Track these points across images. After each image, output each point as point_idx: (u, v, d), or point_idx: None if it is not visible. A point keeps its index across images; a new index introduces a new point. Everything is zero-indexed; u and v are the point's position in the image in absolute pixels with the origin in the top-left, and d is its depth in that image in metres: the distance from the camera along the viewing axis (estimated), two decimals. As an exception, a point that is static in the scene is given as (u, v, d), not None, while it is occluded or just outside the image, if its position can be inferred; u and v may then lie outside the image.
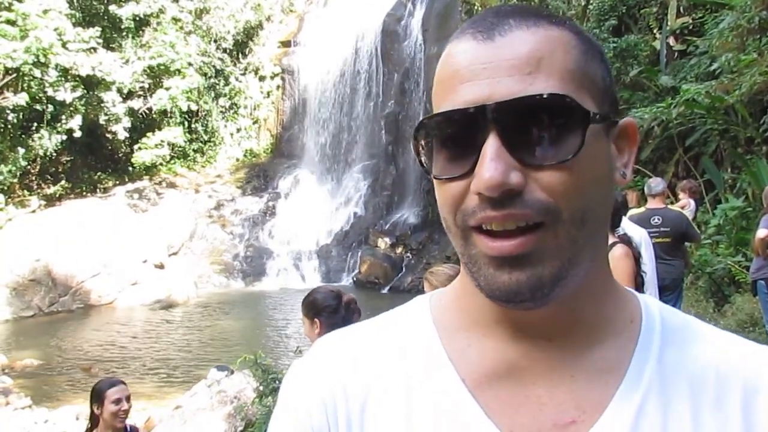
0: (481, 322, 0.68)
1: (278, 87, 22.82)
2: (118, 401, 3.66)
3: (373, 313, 0.79)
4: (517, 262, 0.59)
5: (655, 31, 12.72)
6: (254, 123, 23.00)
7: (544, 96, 0.58)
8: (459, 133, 0.61)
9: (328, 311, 3.04)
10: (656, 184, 6.07)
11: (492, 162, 0.57)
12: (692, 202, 7.08)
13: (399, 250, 17.39)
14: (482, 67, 0.60)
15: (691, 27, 11.92)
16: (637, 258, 3.62)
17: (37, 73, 16.92)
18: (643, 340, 0.67)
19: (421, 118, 0.64)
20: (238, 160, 22.51)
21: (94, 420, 3.70)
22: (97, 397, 3.68)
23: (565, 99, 0.59)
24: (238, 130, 22.83)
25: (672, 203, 6.95)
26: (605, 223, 0.66)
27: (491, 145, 0.58)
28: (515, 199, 0.58)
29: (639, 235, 4.22)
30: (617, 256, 3.62)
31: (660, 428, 0.62)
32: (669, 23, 12.14)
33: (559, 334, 0.65)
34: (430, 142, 0.63)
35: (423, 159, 0.64)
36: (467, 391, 0.65)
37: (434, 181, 0.64)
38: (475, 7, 14.74)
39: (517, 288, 0.59)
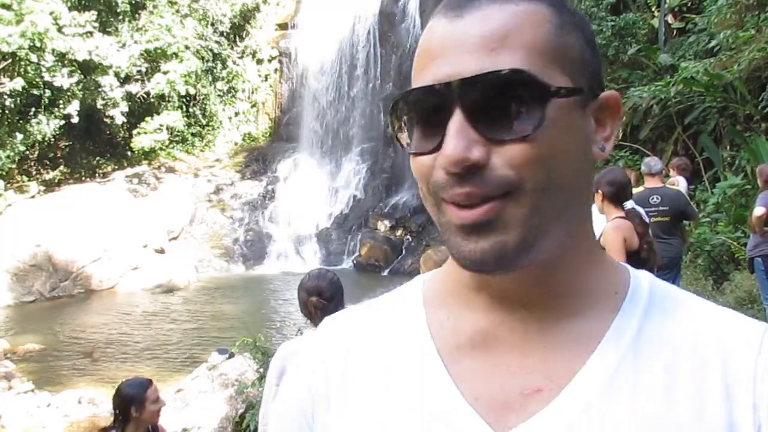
0: (462, 294, 0.69)
1: (276, 70, 22.72)
2: (157, 400, 3.64)
3: (374, 296, 0.82)
4: (481, 230, 0.60)
5: (653, 8, 12.66)
6: (252, 106, 22.93)
7: (504, 72, 0.58)
8: (429, 110, 0.62)
9: (300, 304, 3.14)
10: (654, 163, 6.07)
11: (454, 138, 0.58)
12: (681, 180, 7.08)
13: (399, 232, 17.41)
14: (450, 45, 0.61)
15: (689, 4, 11.87)
16: (642, 233, 3.64)
17: (33, 57, 16.84)
18: (624, 312, 0.66)
19: (394, 99, 0.66)
20: (236, 144, 22.47)
21: (124, 421, 3.58)
22: (135, 400, 3.56)
23: (524, 74, 0.59)
24: (237, 114, 22.77)
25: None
26: (580, 196, 0.66)
27: (455, 121, 0.59)
28: (477, 174, 0.59)
29: (642, 215, 4.25)
30: (607, 229, 3.67)
31: (629, 397, 0.61)
32: (667, 1, 12.07)
33: (535, 303, 0.65)
34: (409, 118, 0.65)
35: (399, 135, 0.67)
36: (440, 361, 0.67)
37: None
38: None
39: (482, 256, 0.60)
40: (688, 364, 0.62)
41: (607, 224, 3.78)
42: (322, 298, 3.04)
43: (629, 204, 3.90)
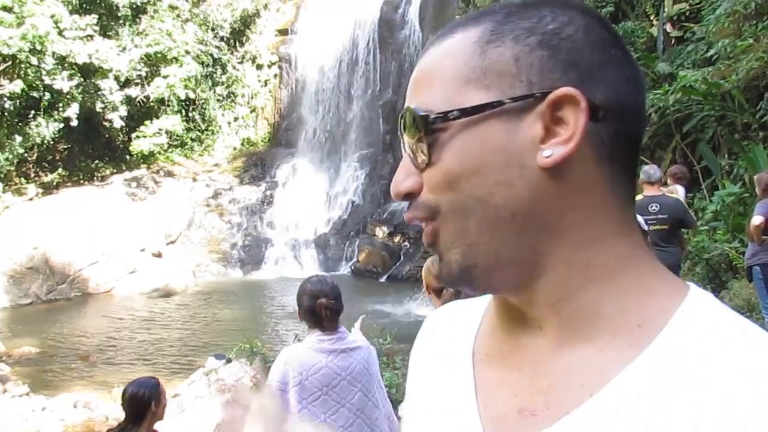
0: (497, 305, 0.73)
1: (276, 75, 22.76)
2: (165, 398, 3.75)
3: (372, 302, 0.88)
4: (434, 251, 0.66)
5: (652, 17, 12.69)
6: (252, 111, 22.95)
7: (403, 112, 0.66)
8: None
9: (304, 310, 3.17)
10: (654, 171, 6.08)
11: (400, 168, 0.67)
12: (679, 188, 7.09)
13: (397, 238, 17.40)
14: (411, 83, 0.68)
15: (688, 13, 11.89)
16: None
17: (33, 60, 16.86)
18: (650, 351, 0.57)
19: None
20: (235, 148, 22.48)
21: (138, 420, 3.60)
22: (155, 396, 3.64)
23: (410, 110, 0.64)
24: (236, 119, 22.79)
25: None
26: (546, 214, 0.60)
27: (405, 152, 0.67)
28: (413, 201, 0.66)
29: (641, 223, 4.25)
30: None
31: None
32: (666, 9, 12.10)
33: (549, 327, 0.63)
34: None
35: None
36: (470, 365, 0.71)
37: None
38: (473, -5, 14.68)
39: (443, 275, 0.66)
40: (719, 424, 0.52)
41: None
42: (329, 299, 3.07)
43: None
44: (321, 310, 3.08)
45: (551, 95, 0.59)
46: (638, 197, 6.16)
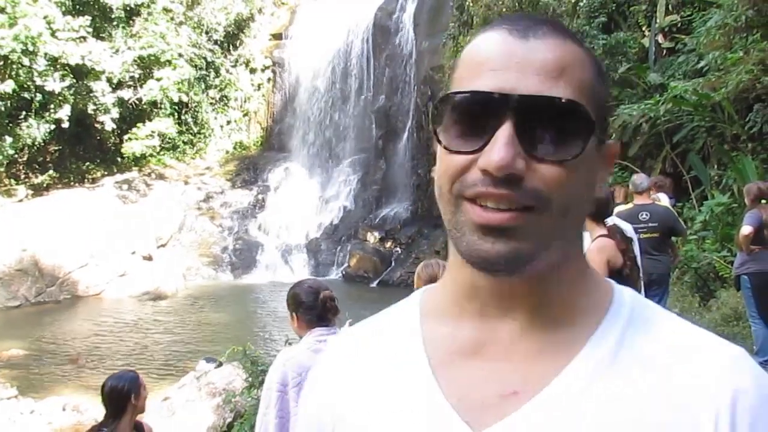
0: (456, 304, 0.75)
1: (269, 80, 22.77)
2: (144, 386, 3.71)
3: (362, 307, 0.87)
4: (501, 234, 0.65)
5: (644, 28, 12.80)
6: (244, 115, 22.94)
7: (563, 100, 0.65)
8: (477, 113, 0.66)
9: (305, 307, 3.13)
10: (641, 180, 6.16)
11: (504, 146, 0.63)
12: (663, 196, 7.17)
13: (388, 244, 17.41)
14: (514, 61, 0.66)
15: (679, 24, 12.00)
16: (624, 250, 3.68)
17: (25, 61, 16.82)
18: (604, 326, 0.70)
19: (445, 94, 0.70)
20: (227, 152, 22.45)
21: (119, 414, 3.57)
22: (134, 388, 3.60)
23: (580, 107, 0.66)
24: (228, 123, 22.77)
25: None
26: (582, 221, 0.74)
27: (506, 131, 0.64)
28: (514, 183, 0.64)
29: (626, 230, 4.30)
30: (591, 249, 3.72)
31: (596, 405, 0.65)
32: (658, 20, 12.22)
33: (523, 313, 0.70)
34: (450, 116, 0.69)
35: (438, 129, 0.70)
36: (429, 370, 0.73)
37: (440, 149, 0.70)
38: (467, 2, 14.74)
39: (496, 257, 0.65)
40: (658, 382, 0.66)
41: (591, 244, 3.82)
42: (330, 293, 3.09)
43: (610, 220, 3.94)
44: (326, 301, 3.09)
45: (609, 143, 0.74)
46: (628, 206, 6.23)
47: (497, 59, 0.67)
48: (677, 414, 0.64)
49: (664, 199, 7.07)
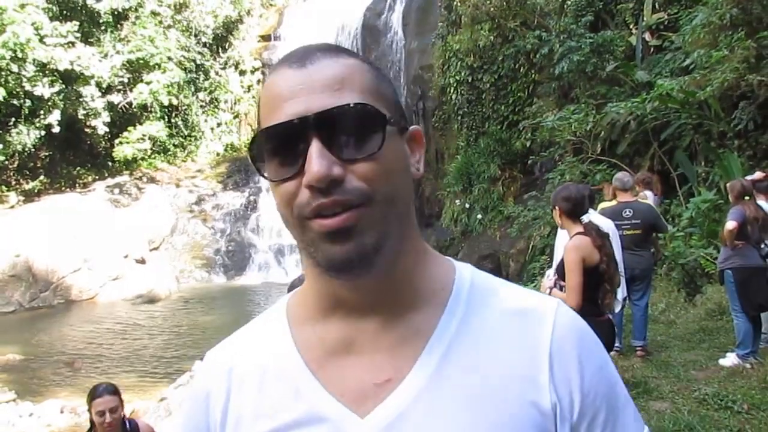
0: (321, 310, 0.83)
1: (259, 81, 22.80)
2: (100, 414, 3.62)
3: None
4: (345, 235, 0.72)
5: (631, 26, 12.89)
6: (235, 117, 22.96)
7: (351, 105, 0.73)
8: (286, 141, 0.74)
9: None
10: (627, 178, 6.27)
11: (318, 159, 0.70)
12: (648, 193, 7.28)
13: (380, 243, 17.47)
14: (299, 88, 0.74)
15: (666, 22, 12.09)
16: (600, 246, 3.78)
17: (14, 68, 16.81)
18: (450, 305, 0.80)
19: (254, 134, 0.78)
20: (218, 154, 22.47)
21: (92, 423, 3.68)
22: (88, 400, 3.67)
23: (367, 106, 0.74)
24: (219, 125, 22.78)
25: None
26: (410, 206, 0.81)
27: (315, 147, 0.71)
28: (338, 187, 0.71)
29: (606, 226, 4.40)
30: (568, 247, 3.82)
31: (455, 376, 0.76)
32: (645, 19, 12.31)
33: (381, 307, 0.79)
34: (264, 151, 0.76)
35: (259, 165, 0.78)
36: (308, 371, 0.80)
37: (269, 183, 0.78)
38: (455, 2, 14.81)
39: (347, 256, 0.72)
40: (498, 342, 0.78)
41: (567, 242, 3.92)
42: None
43: (586, 218, 4.04)
44: None
45: (412, 128, 0.83)
46: (612, 203, 6.34)
47: (286, 90, 0.75)
48: (520, 367, 0.76)
49: (649, 197, 7.18)
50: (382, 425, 0.75)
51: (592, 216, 4.39)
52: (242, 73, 23.02)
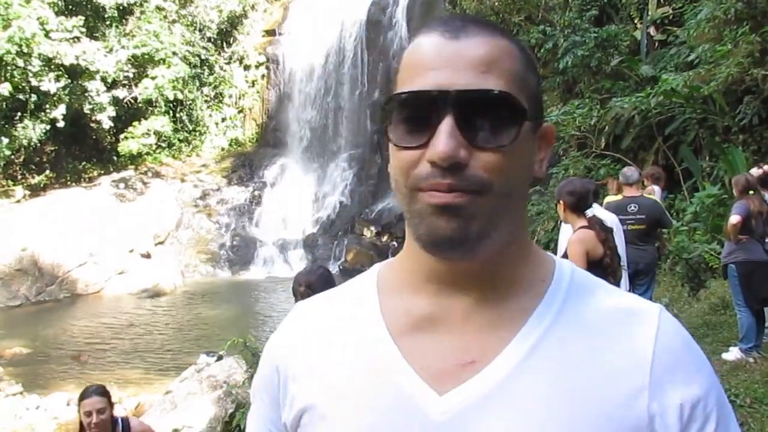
0: (414, 282, 0.82)
1: (263, 76, 22.79)
2: (87, 414, 3.73)
3: None
4: (453, 212, 0.71)
5: (636, 21, 12.88)
6: (239, 112, 22.97)
7: (495, 91, 0.72)
8: (420, 110, 0.72)
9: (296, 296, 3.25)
10: (631, 173, 6.26)
11: (447, 138, 0.69)
12: (656, 188, 7.28)
13: (385, 238, 17.53)
14: (447, 60, 0.73)
15: (671, 17, 12.08)
16: (603, 240, 3.80)
17: (20, 62, 16.86)
18: (547, 298, 0.79)
19: (390, 95, 0.76)
20: (223, 149, 22.49)
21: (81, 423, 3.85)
22: (78, 401, 3.82)
23: (510, 97, 0.72)
24: (223, 120, 22.80)
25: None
26: (523, 202, 0.81)
27: (447, 124, 0.70)
28: (459, 171, 0.70)
29: (610, 220, 4.42)
30: (572, 241, 3.84)
31: (544, 367, 0.74)
32: (650, 13, 12.30)
33: (475, 290, 0.78)
34: (394, 113, 0.75)
35: (386, 125, 0.76)
36: (391, 340, 0.79)
37: (391, 147, 0.77)
38: (459, -3, 14.81)
39: (450, 234, 0.72)
40: (596, 341, 0.76)
41: (571, 235, 3.94)
42: (309, 290, 3.18)
43: (590, 212, 4.05)
44: (300, 297, 3.20)
45: (544, 125, 0.81)
46: (617, 197, 6.35)
47: (433, 59, 0.73)
48: (617, 367, 0.74)
49: (657, 192, 7.17)
50: (460, 406, 0.74)
51: (596, 210, 4.41)
52: (247, 68, 23.01)
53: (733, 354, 5.52)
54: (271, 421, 0.86)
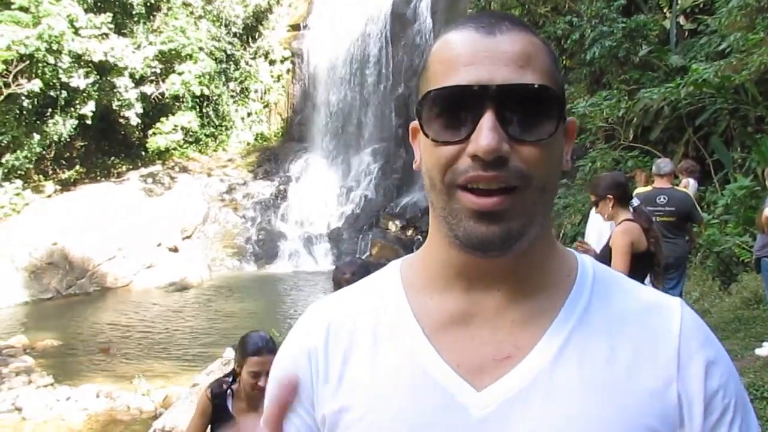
0: (443, 277, 0.81)
1: (288, 71, 22.89)
2: (255, 375, 2.97)
3: None
4: (494, 217, 0.72)
5: (665, 10, 12.64)
6: (265, 107, 23.10)
7: (535, 86, 0.72)
8: (459, 106, 0.72)
9: (335, 285, 3.22)
10: (665, 164, 6.12)
11: (490, 132, 0.69)
12: (691, 181, 7.14)
13: (409, 232, 17.51)
14: (484, 55, 0.73)
15: (701, 5, 11.82)
16: (647, 230, 3.77)
17: (50, 59, 17.11)
18: (575, 291, 0.80)
19: (426, 91, 0.75)
20: (249, 144, 22.65)
21: (236, 373, 3.10)
22: (240, 354, 3.05)
23: (549, 90, 0.73)
24: (249, 114, 22.95)
25: (677, 184, 6.99)
26: (554, 195, 0.80)
27: (489, 119, 0.70)
28: (502, 165, 0.71)
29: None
30: (616, 232, 3.79)
31: (577, 360, 0.75)
32: (679, 2, 12.06)
33: (507, 285, 0.78)
34: (430, 109, 0.75)
35: (423, 122, 0.76)
36: (425, 337, 0.79)
37: (425, 143, 0.77)
38: (484, -11, 14.65)
39: (492, 238, 0.72)
40: (624, 334, 0.77)
41: (616, 228, 3.87)
42: (354, 276, 3.18)
43: (634, 202, 4.01)
44: (344, 283, 3.20)
45: (569, 120, 0.81)
46: (647, 188, 6.23)
47: (470, 55, 0.73)
48: (645, 358, 0.76)
49: (691, 186, 7.04)
50: (499, 400, 0.74)
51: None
52: (272, 62, 23.13)
53: (766, 350, 5.39)
54: (305, 410, 0.83)
